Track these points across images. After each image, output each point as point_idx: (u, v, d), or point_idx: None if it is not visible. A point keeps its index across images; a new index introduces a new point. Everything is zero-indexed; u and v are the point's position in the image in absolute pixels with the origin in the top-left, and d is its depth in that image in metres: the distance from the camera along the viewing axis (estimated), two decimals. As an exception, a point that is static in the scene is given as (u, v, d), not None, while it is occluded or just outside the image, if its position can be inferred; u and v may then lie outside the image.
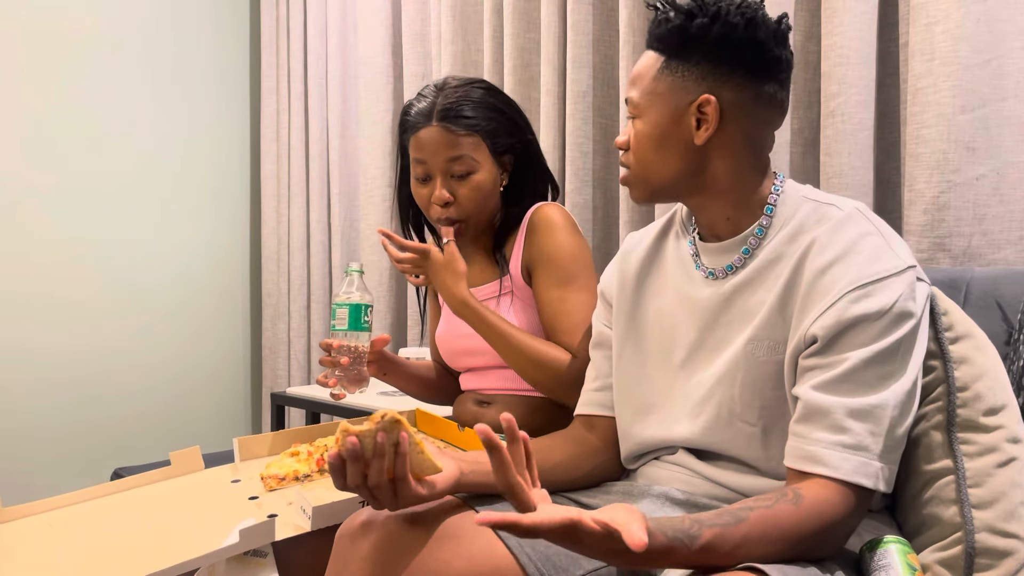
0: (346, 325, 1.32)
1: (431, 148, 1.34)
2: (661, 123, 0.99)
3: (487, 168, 1.36)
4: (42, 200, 2.61)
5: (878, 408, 0.87)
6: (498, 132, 1.37)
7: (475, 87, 1.38)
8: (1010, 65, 1.40)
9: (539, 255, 1.36)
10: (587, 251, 1.38)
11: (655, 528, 0.77)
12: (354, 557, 0.95)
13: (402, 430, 0.87)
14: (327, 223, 2.86)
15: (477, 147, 1.35)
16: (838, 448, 0.86)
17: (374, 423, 0.86)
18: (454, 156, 1.34)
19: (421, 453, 0.89)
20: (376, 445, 0.86)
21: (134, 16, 2.80)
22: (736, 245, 1.01)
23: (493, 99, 1.38)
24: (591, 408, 1.17)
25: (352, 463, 0.87)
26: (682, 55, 0.98)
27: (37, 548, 1.07)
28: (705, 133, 0.97)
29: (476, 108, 1.35)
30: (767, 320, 0.96)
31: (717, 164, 0.99)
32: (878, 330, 0.88)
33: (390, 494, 0.89)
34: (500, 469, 0.79)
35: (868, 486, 0.86)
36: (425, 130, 1.34)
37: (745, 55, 0.96)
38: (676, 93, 0.98)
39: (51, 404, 2.64)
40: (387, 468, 0.88)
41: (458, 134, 1.33)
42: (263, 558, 1.05)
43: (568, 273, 1.33)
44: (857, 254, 0.91)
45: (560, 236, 1.35)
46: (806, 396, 0.89)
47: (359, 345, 1.33)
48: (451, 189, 1.35)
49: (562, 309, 1.32)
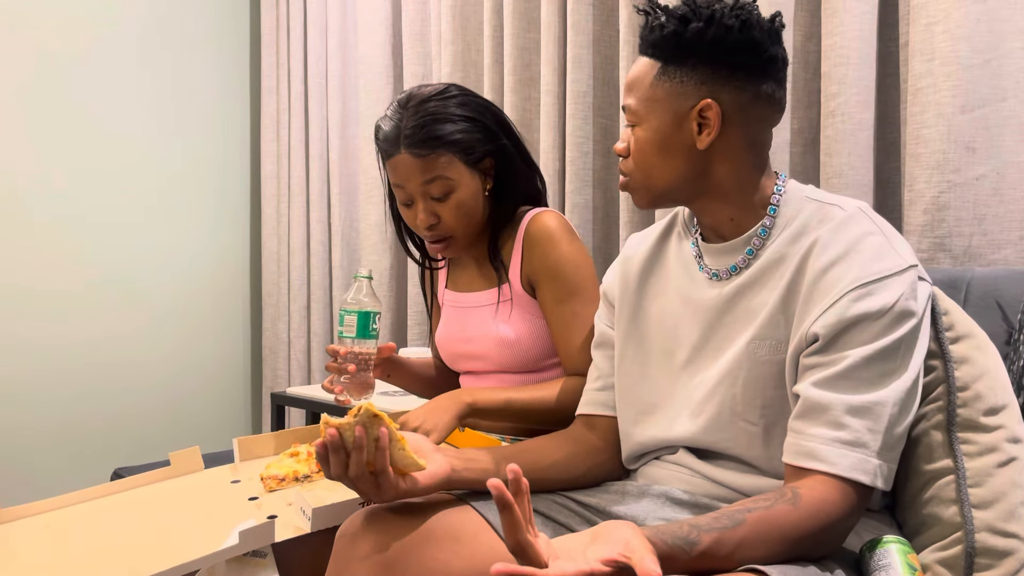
0: (354, 332, 1.30)
1: (404, 174, 1.31)
2: (662, 129, 0.99)
3: (465, 182, 1.33)
4: (42, 200, 2.61)
5: (877, 405, 0.87)
6: (470, 143, 1.32)
7: (437, 100, 1.31)
8: (1010, 65, 1.40)
9: (542, 269, 1.34)
10: (588, 258, 1.37)
11: (653, 536, 0.77)
12: (354, 557, 0.96)
13: (382, 425, 0.91)
14: (327, 223, 2.86)
15: (451, 164, 1.30)
16: (836, 444, 0.86)
17: (352, 416, 0.90)
18: (429, 179, 1.30)
19: (402, 450, 0.92)
20: (355, 438, 0.90)
21: (134, 16, 2.80)
22: (740, 245, 1.01)
23: (459, 109, 1.31)
24: (592, 408, 1.17)
25: (333, 454, 0.90)
26: (679, 60, 0.97)
27: (37, 548, 1.07)
28: (708, 137, 0.97)
29: (442, 124, 1.29)
30: (770, 320, 0.96)
31: (719, 167, 0.99)
32: (879, 329, 0.88)
33: (372, 486, 0.92)
34: (512, 529, 0.73)
35: (866, 482, 0.86)
36: (395, 158, 1.31)
37: (742, 57, 0.96)
38: (675, 99, 0.98)
39: (51, 404, 2.63)
40: (368, 461, 0.91)
41: (427, 157, 1.29)
42: (263, 558, 1.05)
43: (574, 285, 1.33)
44: (859, 253, 0.91)
45: (562, 248, 1.34)
46: (806, 392, 0.89)
47: (366, 352, 1.33)
48: (433, 210, 1.33)
49: (574, 323, 1.32)
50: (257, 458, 1.39)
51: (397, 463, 0.93)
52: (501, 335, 1.37)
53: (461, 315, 1.46)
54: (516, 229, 1.39)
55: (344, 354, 1.31)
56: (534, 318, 1.38)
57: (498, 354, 1.38)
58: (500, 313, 1.38)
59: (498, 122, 1.37)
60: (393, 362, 1.46)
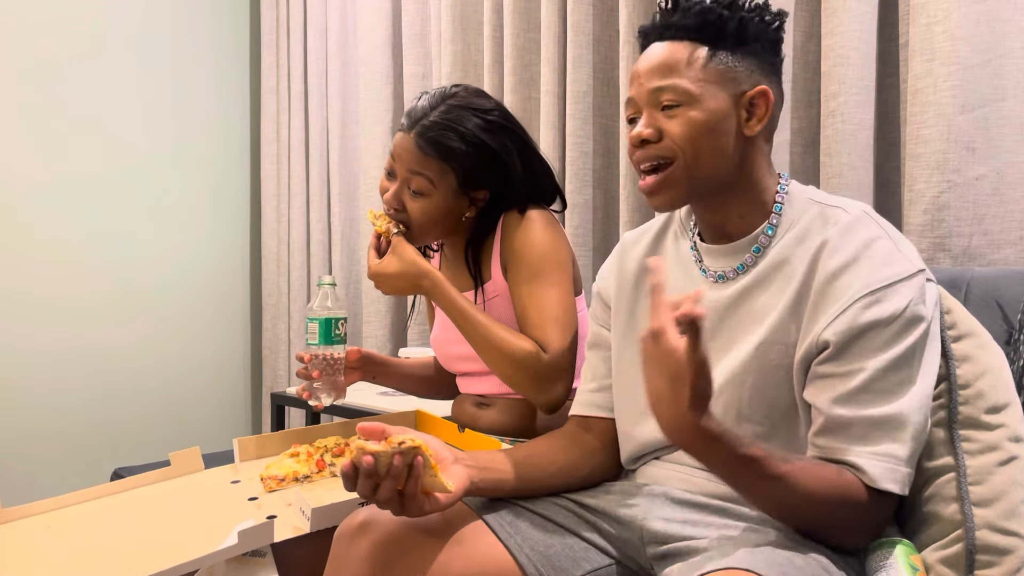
0: (317, 340, 1.36)
1: (400, 152, 1.32)
2: (718, 111, 0.97)
3: (444, 196, 1.32)
4: (42, 201, 2.60)
5: (900, 416, 0.88)
6: (471, 170, 1.32)
7: (474, 113, 1.31)
8: (1010, 65, 1.40)
9: (510, 252, 1.34)
10: (561, 248, 1.34)
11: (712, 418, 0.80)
12: (353, 557, 0.95)
13: (418, 455, 0.89)
14: (327, 223, 2.86)
15: (443, 175, 1.31)
16: (865, 455, 0.88)
17: (391, 446, 0.87)
18: (415, 171, 1.31)
19: (434, 476, 0.90)
20: (392, 467, 0.88)
21: (134, 16, 2.80)
22: (747, 245, 1.01)
23: (484, 135, 1.31)
24: (588, 409, 1.16)
25: (365, 478, 0.88)
26: (729, 45, 0.98)
27: (37, 549, 1.07)
28: (757, 124, 0.98)
29: (459, 139, 1.29)
30: (779, 323, 0.96)
31: (754, 158, 1.00)
32: (890, 335, 0.89)
33: (397, 506, 0.91)
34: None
35: (896, 491, 0.88)
36: (404, 135, 1.32)
37: (775, 51, 1.01)
38: (730, 83, 0.98)
39: (51, 404, 2.63)
40: (399, 484, 0.89)
41: (428, 155, 1.30)
42: (262, 558, 1.05)
43: (538, 268, 1.31)
44: (868, 259, 0.92)
45: (532, 232, 1.32)
46: (828, 411, 0.90)
47: (332, 356, 1.36)
48: (402, 198, 1.34)
49: (531, 303, 1.30)
50: (257, 458, 1.39)
51: (426, 486, 0.92)
52: None
53: None
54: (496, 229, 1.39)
55: (309, 360, 1.35)
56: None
57: None
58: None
59: (520, 153, 1.34)
60: (377, 363, 1.46)
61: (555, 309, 1.29)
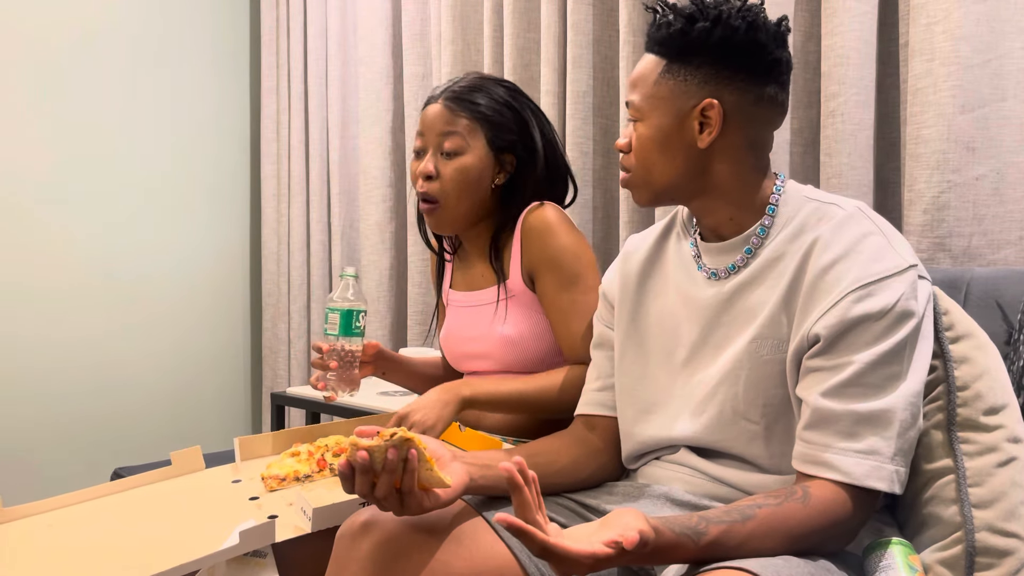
0: (337, 330, 1.34)
1: (429, 122, 1.37)
2: (664, 127, 0.99)
3: (477, 154, 1.36)
4: (42, 200, 2.60)
5: (888, 412, 0.87)
6: (501, 126, 1.37)
7: (497, 84, 1.40)
8: (1010, 65, 1.40)
9: (541, 259, 1.34)
10: (587, 248, 1.37)
11: (662, 526, 0.78)
12: (354, 558, 0.95)
13: (412, 447, 0.89)
14: (327, 223, 2.86)
15: (473, 132, 1.35)
16: (850, 453, 0.87)
17: (384, 439, 0.88)
18: (447, 131, 1.35)
19: (430, 470, 0.91)
20: (387, 461, 0.88)
21: (134, 16, 2.80)
22: (739, 244, 1.01)
23: (511, 98, 1.39)
24: (592, 408, 1.17)
25: (361, 475, 0.88)
26: (684, 59, 0.98)
27: (37, 548, 1.07)
28: (708, 137, 0.98)
29: (486, 97, 1.37)
30: (771, 319, 0.96)
31: (719, 167, 0.99)
32: (881, 330, 0.88)
33: (396, 504, 0.91)
34: (522, 508, 0.77)
35: (883, 489, 0.87)
36: (431, 106, 1.38)
37: (746, 58, 0.97)
38: (678, 97, 0.98)
39: (52, 404, 2.63)
40: (395, 481, 0.89)
41: (457, 114, 1.35)
42: (263, 558, 1.05)
43: (573, 274, 1.33)
44: (859, 254, 0.92)
45: (560, 237, 1.34)
46: (815, 403, 0.90)
47: (350, 349, 1.34)
48: (437, 164, 1.36)
49: (574, 312, 1.32)
50: (258, 458, 1.39)
51: (424, 481, 0.92)
52: (504, 334, 1.37)
53: (464, 314, 1.46)
54: (515, 224, 1.39)
55: (327, 350, 1.33)
56: (534, 314, 1.38)
57: (502, 353, 1.38)
58: (500, 311, 1.39)
59: (541, 130, 1.41)
60: (388, 359, 1.46)
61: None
